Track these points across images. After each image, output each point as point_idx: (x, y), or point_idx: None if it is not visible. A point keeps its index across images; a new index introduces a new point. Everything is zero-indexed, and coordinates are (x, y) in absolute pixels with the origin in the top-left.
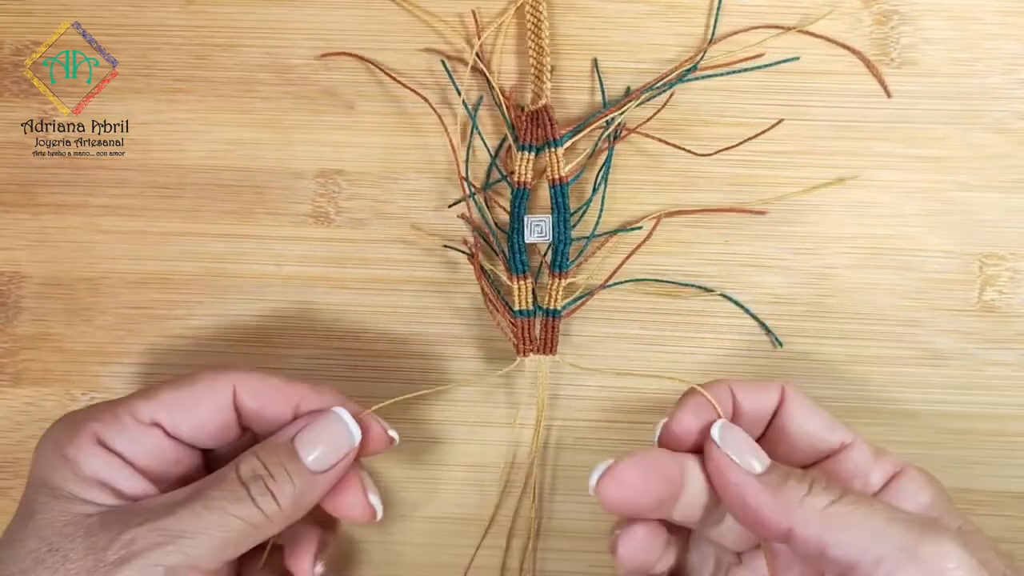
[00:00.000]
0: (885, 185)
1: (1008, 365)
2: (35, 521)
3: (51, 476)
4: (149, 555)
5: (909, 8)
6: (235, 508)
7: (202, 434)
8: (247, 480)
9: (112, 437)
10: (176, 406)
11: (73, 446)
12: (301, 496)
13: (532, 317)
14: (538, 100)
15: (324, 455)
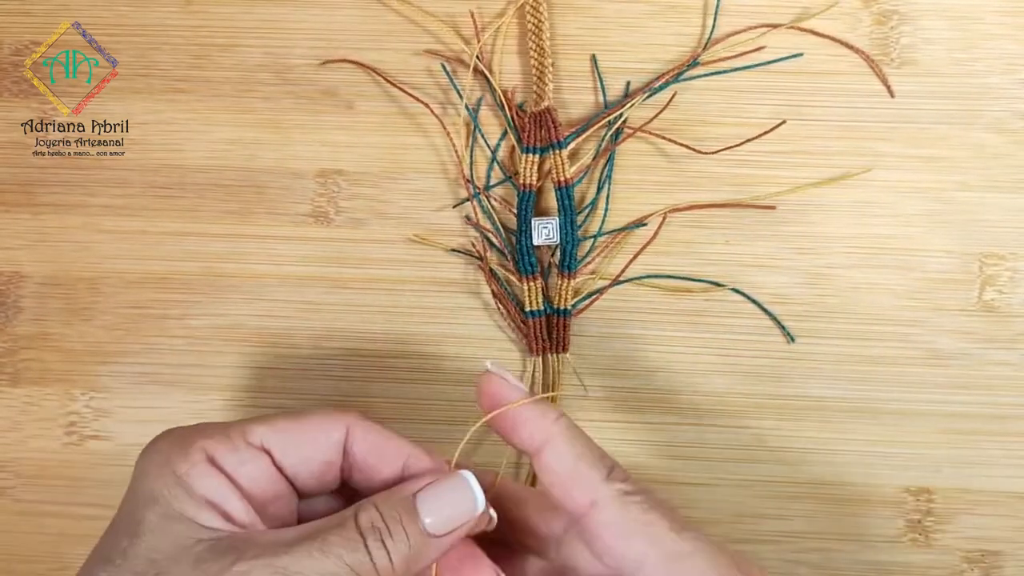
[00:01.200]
0: (885, 185)
1: (1008, 365)
2: (144, 541)
3: (162, 494)
4: None
5: (909, 8)
6: (349, 557)
7: (307, 470)
8: (365, 531)
9: (223, 456)
10: (289, 434)
11: (185, 463)
12: (415, 557)
13: (543, 317)
14: (540, 102)
15: (445, 519)
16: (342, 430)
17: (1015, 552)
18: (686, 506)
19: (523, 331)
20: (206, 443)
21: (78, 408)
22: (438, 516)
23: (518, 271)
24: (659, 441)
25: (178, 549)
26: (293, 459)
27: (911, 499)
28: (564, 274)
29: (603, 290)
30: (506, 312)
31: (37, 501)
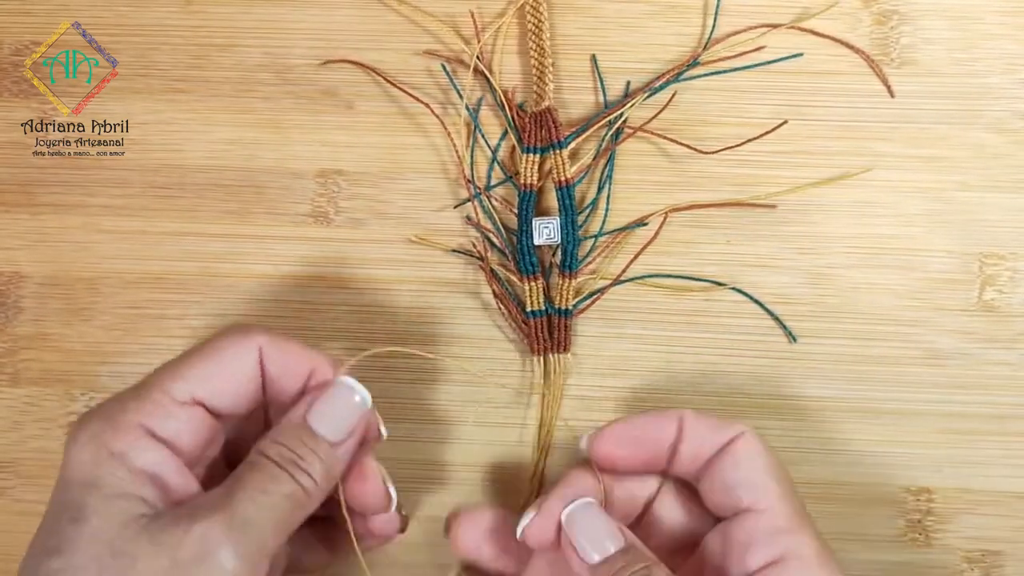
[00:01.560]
0: (885, 185)
1: (1008, 365)
2: (90, 526)
3: (100, 476)
4: (225, 547)
5: (909, 8)
6: (284, 489)
7: (237, 404)
8: (281, 463)
9: (159, 424)
10: (209, 379)
11: (120, 441)
12: (329, 467)
13: (545, 317)
14: (541, 102)
15: (338, 427)
16: (255, 352)
17: (1015, 552)
18: None
19: (524, 331)
20: (138, 416)
21: (78, 408)
22: (331, 426)
23: (519, 271)
24: None
25: (128, 528)
26: (221, 399)
27: (911, 499)
28: (565, 274)
29: (604, 289)
30: (507, 312)
31: (37, 501)
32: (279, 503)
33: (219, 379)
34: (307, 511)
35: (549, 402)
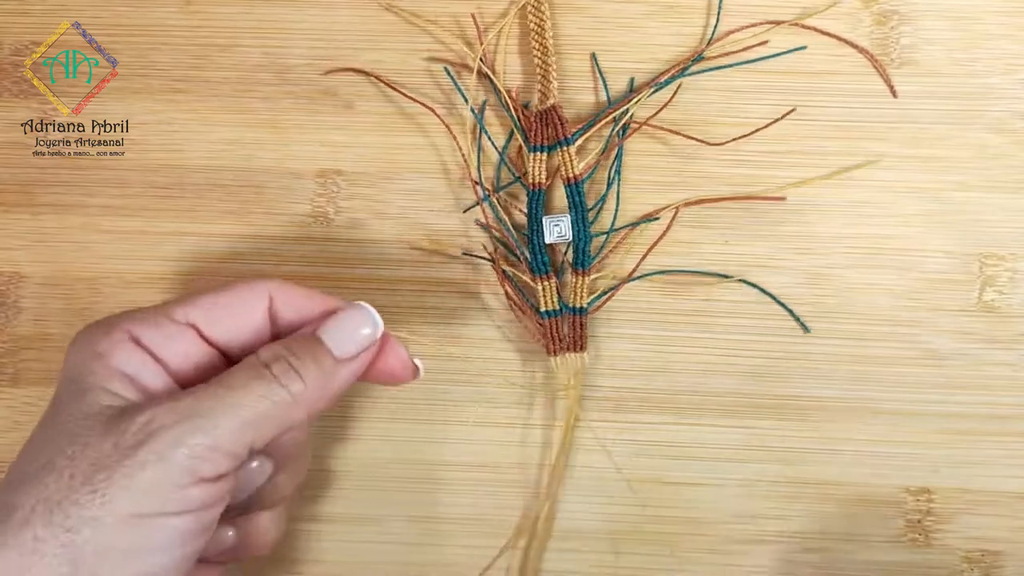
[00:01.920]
0: (885, 185)
1: (1008, 365)
2: (59, 415)
3: (80, 373)
4: (168, 433)
5: (909, 8)
6: (257, 386)
7: (236, 340)
8: (269, 362)
9: (146, 334)
10: (212, 309)
11: (106, 341)
12: (326, 380)
13: (559, 316)
14: (546, 100)
15: (348, 342)
16: (264, 297)
17: (1015, 552)
18: (686, 506)
19: (540, 332)
20: (130, 325)
21: None
22: (340, 341)
23: (531, 271)
24: (659, 441)
25: (90, 418)
26: (219, 330)
27: (911, 499)
28: (578, 271)
29: (619, 286)
30: (522, 314)
31: None
32: (254, 403)
33: (221, 311)
34: (288, 419)
35: (571, 401)
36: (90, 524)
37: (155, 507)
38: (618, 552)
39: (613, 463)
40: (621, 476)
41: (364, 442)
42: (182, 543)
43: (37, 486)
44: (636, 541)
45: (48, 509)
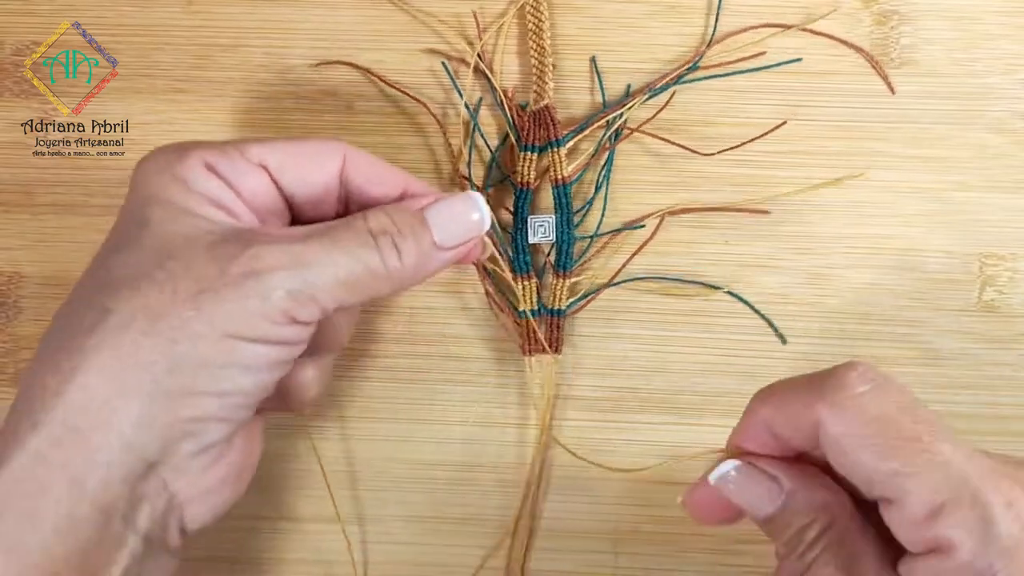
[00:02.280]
0: (885, 185)
1: (1008, 365)
2: (151, 229)
3: (162, 192)
4: (274, 274)
5: (909, 8)
6: (361, 252)
7: (304, 192)
8: (375, 232)
9: (221, 165)
10: (286, 155)
11: (183, 167)
12: (422, 264)
13: (537, 317)
14: (540, 100)
15: (452, 233)
16: (339, 158)
17: None
18: None
19: (515, 331)
20: (204, 152)
21: None
22: (448, 229)
23: (512, 269)
24: (659, 441)
25: (188, 239)
26: (290, 178)
27: None
28: (559, 273)
29: (598, 292)
30: (499, 311)
31: None
32: (353, 265)
33: (294, 159)
34: (376, 290)
35: (544, 401)
36: (191, 338)
37: (251, 333)
38: (618, 552)
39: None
40: (621, 476)
41: (364, 442)
42: (268, 369)
43: (136, 294)
44: (636, 541)
45: (150, 318)
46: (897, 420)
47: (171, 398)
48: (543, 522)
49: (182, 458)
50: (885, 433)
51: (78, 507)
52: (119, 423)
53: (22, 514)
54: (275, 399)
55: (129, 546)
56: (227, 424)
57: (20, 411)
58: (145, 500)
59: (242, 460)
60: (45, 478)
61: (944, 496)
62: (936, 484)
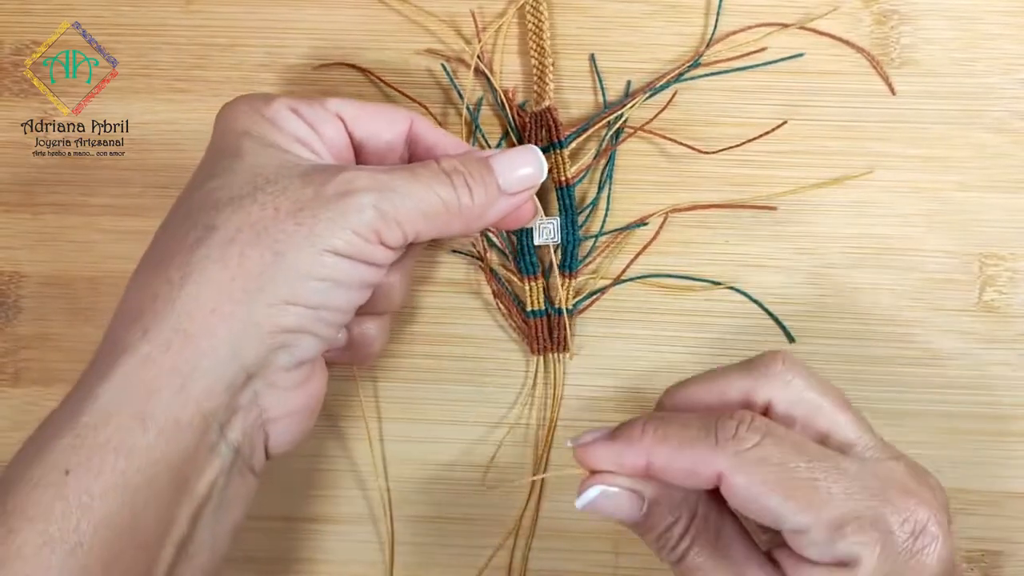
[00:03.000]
0: (885, 185)
1: (1008, 365)
2: (245, 159)
3: (253, 128)
4: (366, 195)
5: (909, 8)
6: (439, 188)
7: (373, 144)
8: (449, 171)
9: (304, 110)
10: (361, 111)
11: (270, 109)
12: (487, 205)
13: (544, 317)
14: (541, 101)
15: (516, 178)
16: (406, 121)
17: (1015, 552)
18: None
19: (524, 331)
20: (288, 99)
21: None
22: (510, 175)
23: (519, 271)
24: None
25: (280, 168)
26: (363, 131)
27: None
28: (565, 274)
29: (604, 290)
30: (507, 312)
31: None
32: (431, 197)
33: (368, 115)
34: (451, 228)
35: (549, 402)
36: (294, 250)
37: (346, 249)
38: (618, 552)
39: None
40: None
41: (364, 442)
42: (358, 288)
43: (239, 212)
44: (636, 541)
45: (256, 232)
46: (795, 466)
47: (272, 307)
48: (544, 522)
49: (276, 371)
50: (786, 479)
51: (184, 411)
52: (226, 330)
53: (134, 415)
54: (345, 351)
55: (221, 456)
56: (318, 341)
57: (127, 320)
58: (240, 411)
59: (318, 392)
60: (155, 382)
61: (846, 514)
62: (837, 507)
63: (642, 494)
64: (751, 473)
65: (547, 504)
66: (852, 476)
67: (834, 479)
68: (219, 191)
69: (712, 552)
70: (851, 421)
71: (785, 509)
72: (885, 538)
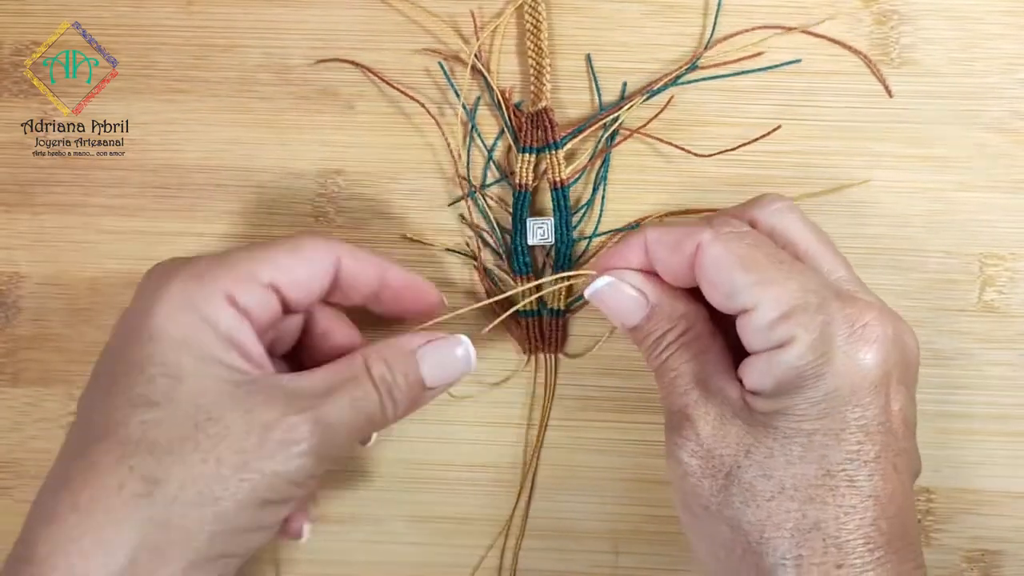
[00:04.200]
0: (885, 185)
1: (1008, 365)
2: (187, 385)
3: (193, 336)
4: (306, 444)
5: (909, 8)
6: (370, 409)
7: (304, 300)
8: (380, 385)
9: (241, 296)
10: (292, 271)
11: (210, 305)
12: (411, 407)
13: (537, 317)
14: (538, 102)
15: (440, 376)
16: (335, 259)
17: (1015, 552)
18: None
19: (516, 331)
20: (225, 283)
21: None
22: (434, 372)
23: (512, 271)
24: (659, 441)
25: (223, 395)
26: (295, 292)
27: None
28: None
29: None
30: (499, 311)
31: None
32: (359, 419)
33: (298, 273)
34: (372, 433)
35: (542, 402)
36: (235, 509)
37: (284, 495)
38: (618, 552)
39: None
40: (621, 476)
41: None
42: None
43: (181, 465)
44: (636, 541)
45: (198, 490)
46: (766, 249)
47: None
48: (543, 521)
49: None
50: (753, 255)
51: None
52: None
53: None
54: None
55: None
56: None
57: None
58: None
59: None
60: None
61: (794, 303)
62: (789, 293)
63: (646, 295)
64: (727, 243)
65: (547, 504)
66: (814, 279)
67: (797, 273)
68: (157, 428)
69: (691, 360)
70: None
71: (743, 281)
72: (824, 327)
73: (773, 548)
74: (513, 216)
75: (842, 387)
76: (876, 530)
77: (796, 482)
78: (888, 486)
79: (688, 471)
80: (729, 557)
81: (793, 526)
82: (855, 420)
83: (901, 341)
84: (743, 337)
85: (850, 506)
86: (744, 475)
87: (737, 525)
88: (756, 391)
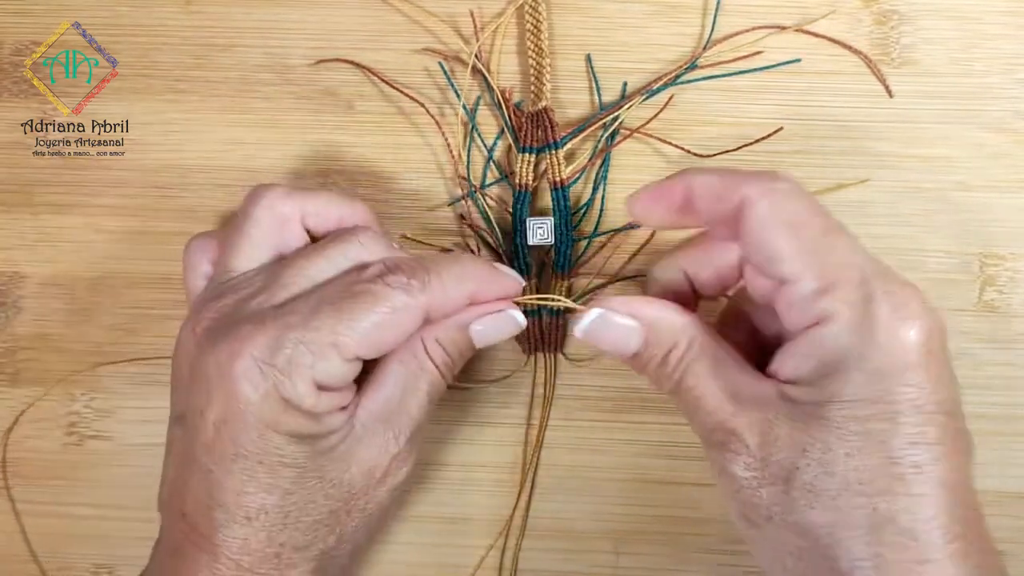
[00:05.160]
0: (885, 185)
1: (1008, 365)
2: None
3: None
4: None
5: (909, 8)
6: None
7: None
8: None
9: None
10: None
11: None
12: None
13: (537, 317)
14: (538, 102)
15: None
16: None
17: (1015, 552)
18: (686, 506)
19: None
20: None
21: (78, 408)
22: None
23: None
24: (659, 441)
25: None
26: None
27: None
28: (559, 274)
29: (596, 292)
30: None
31: (37, 501)
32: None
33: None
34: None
35: (542, 402)
36: None
37: None
38: (618, 552)
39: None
40: (621, 476)
41: None
42: None
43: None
44: (636, 541)
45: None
46: (812, 213)
47: None
48: (543, 522)
49: None
50: (799, 220)
51: None
52: None
53: None
54: None
55: None
56: None
57: None
58: None
59: None
60: None
61: (836, 276)
62: (832, 265)
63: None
64: (776, 202)
65: (547, 504)
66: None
67: (844, 241)
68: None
69: (707, 371)
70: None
71: (788, 249)
72: (866, 305)
73: (847, 550)
74: (513, 216)
75: (888, 366)
76: (951, 519)
77: (860, 475)
78: (954, 470)
79: (744, 484)
80: (797, 565)
81: (865, 523)
82: (909, 400)
83: (940, 321)
84: (780, 310)
85: (920, 494)
86: (804, 476)
87: (805, 530)
88: (795, 380)
